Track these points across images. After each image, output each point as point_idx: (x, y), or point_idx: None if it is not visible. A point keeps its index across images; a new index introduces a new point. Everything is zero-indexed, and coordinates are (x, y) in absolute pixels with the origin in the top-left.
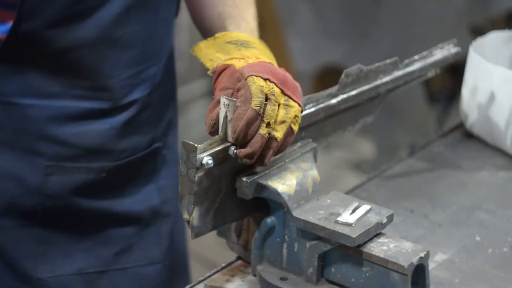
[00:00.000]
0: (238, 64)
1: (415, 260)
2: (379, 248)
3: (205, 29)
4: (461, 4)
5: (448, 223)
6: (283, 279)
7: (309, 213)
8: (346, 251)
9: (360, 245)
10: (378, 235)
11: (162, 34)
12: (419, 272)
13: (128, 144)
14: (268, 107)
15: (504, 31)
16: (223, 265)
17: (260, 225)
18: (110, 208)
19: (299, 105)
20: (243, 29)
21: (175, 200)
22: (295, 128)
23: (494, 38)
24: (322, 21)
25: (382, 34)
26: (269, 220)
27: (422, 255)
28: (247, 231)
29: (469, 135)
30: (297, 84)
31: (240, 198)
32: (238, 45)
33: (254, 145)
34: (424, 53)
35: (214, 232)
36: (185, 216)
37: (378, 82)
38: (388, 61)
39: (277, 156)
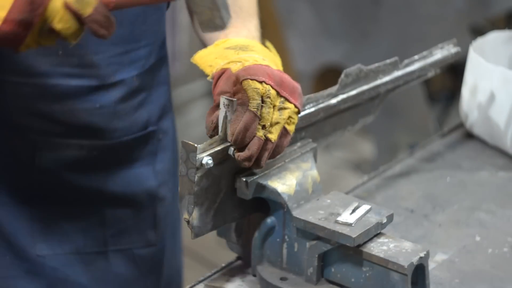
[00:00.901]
0: (235, 67)
1: (415, 260)
2: (379, 248)
3: (209, 42)
4: (461, 4)
5: (448, 223)
6: (283, 279)
7: (309, 213)
8: (346, 251)
9: (360, 245)
10: (378, 235)
11: (152, 19)
12: (419, 272)
13: (120, 125)
14: (263, 109)
15: (504, 31)
16: (223, 265)
17: (260, 225)
18: (105, 187)
19: (295, 106)
20: (244, 37)
21: (171, 184)
22: (290, 128)
23: (494, 38)
24: (322, 21)
25: (382, 34)
26: (269, 220)
27: (422, 255)
28: (247, 231)
29: (469, 135)
30: (296, 85)
31: (240, 198)
32: (236, 49)
33: (252, 147)
34: (424, 53)
35: (214, 232)
36: (185, 216)
37: (378, 82)
38: (388, 61)
39: (277, 157)
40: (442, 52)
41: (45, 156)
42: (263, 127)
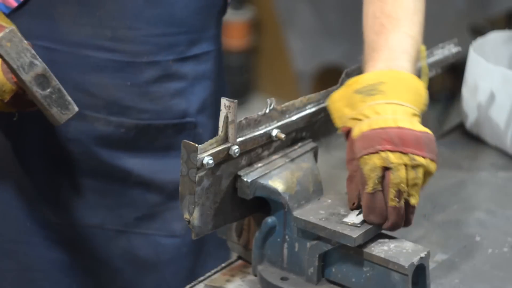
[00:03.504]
0: (356, 130)
1: (415, 260)
2: (379, 248)
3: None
4: (461, 4)
5: (448, 223)
6: (283, 279)
7: (310, 213)
8: (347, 251)
9: (360, 245)
10: (379, 235)
11: (195, 6)
12: (420, 272)
13: (151, 107)
14: (391, 176)
15: (504, 31)
16: (223, 265)
17: (260, 225)
18: (134, 169)
19: (427, 158)
20: (383, 60)
21: None
22: (421, 184)
23: (494, 38)
24: (322, 21)
25: None
26: (270, 220)
27: (422, 255)
28: (248, 231)
29: (469, 135)
30: (420, 135)
31: (240, 198)
32: (363, 94)
33: (391, 218)
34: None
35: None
36: (186, 216)
37: None
38: None
39: (278, 156)
40: (443, 52)
41: (74, 126)
42: (399, 193)
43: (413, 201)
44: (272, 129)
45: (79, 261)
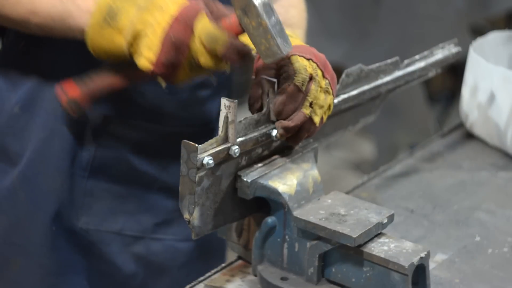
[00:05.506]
0: None
1: (415, 260)
2: (379, 248)
3: None
4: (461, 4)
5: (448, 223)
6: (283, 279)
7: (310, 213)
8: (347, 251)
9: (360, 245)
10: (379, 235)
11: None
12: (420, 272)
13: (183, 114)
14: (313, 86)
15: (504, 31)
16: (223, 265)
17: (260, 225)
18: (159, 175)
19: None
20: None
21: None
22: (325, 117)
23: (494, 38)
24: (322, 21)
25: (382, 34)
26: (270, 220)
27: (422, 255)
28: (248, 231)
29: (469, 135)
30: (334, 75)
31: (240, 198)
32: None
33: (296, 120)
34: (425, 52)
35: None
36: (186, 216)
37: (379, 82)
38: (389, 61)
39: (278, 156)
40: (443, 52)
41: (109, 131)
42: (310, 105)
43: (316, 119)
44: (272, 129)
45: (96, 265)
